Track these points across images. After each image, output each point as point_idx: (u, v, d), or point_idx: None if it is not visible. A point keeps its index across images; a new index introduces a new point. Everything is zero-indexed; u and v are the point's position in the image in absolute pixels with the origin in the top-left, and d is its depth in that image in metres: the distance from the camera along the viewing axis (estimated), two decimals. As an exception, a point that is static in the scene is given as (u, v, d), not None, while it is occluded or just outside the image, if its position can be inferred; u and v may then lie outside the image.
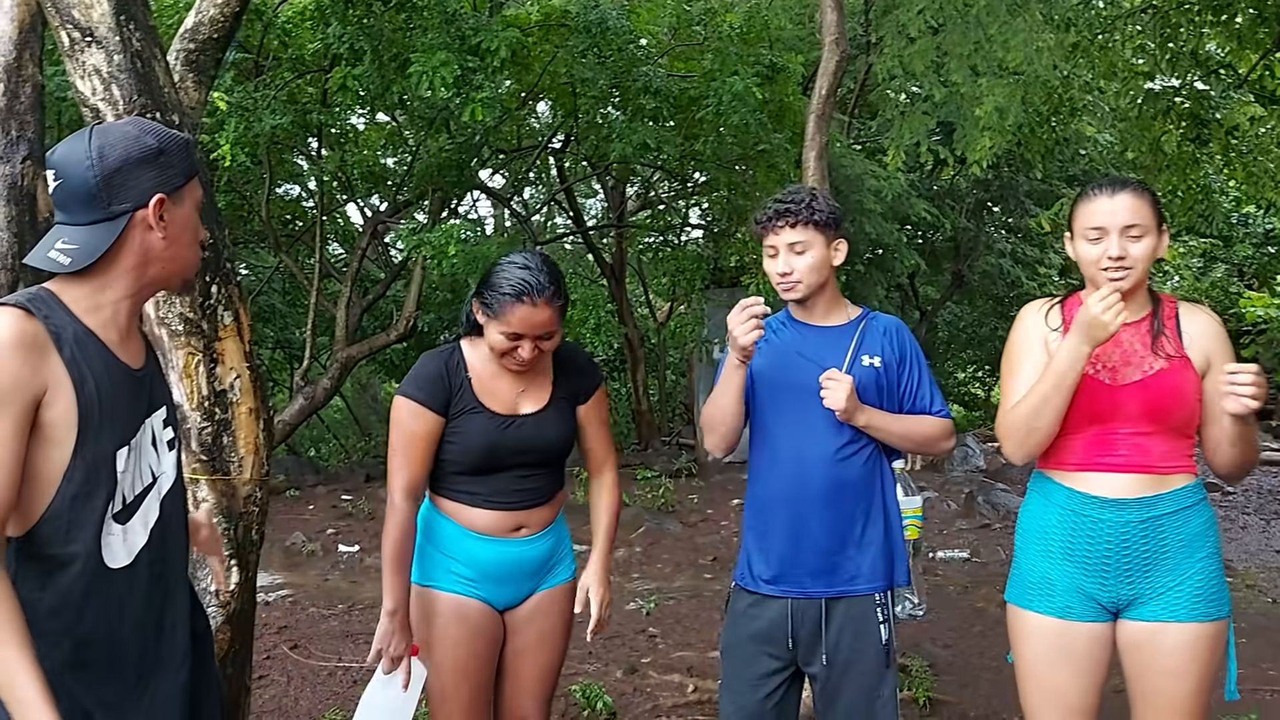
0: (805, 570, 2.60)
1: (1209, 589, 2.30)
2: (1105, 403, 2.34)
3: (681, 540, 8.30)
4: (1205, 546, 2.33)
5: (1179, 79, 8.10)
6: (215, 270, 2.68)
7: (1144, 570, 2.30)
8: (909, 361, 2.70)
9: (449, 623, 2.57)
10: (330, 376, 10.75)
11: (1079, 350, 2.26)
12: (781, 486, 2.63)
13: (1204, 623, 2.28)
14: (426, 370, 2.59)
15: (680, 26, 10.59)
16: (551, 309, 2.49)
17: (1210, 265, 19.13)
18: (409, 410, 2.55)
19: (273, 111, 8.50)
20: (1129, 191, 2.33)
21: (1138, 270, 2.31)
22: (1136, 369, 2.33)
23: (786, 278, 2.62)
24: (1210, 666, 2.29)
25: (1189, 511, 2.31)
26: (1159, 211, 2.35)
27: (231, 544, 2.71)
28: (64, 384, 1.62)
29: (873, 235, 10.76)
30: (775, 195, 2.70)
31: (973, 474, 11.15)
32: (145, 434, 1.76)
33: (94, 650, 1.67)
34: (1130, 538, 2.31)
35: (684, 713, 4.45)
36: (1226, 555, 8.09)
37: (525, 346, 2.50)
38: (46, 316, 1.64)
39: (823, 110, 4.87)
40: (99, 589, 1.67)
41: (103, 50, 2.52)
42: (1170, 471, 2.31)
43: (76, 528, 1.64)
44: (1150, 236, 2.32)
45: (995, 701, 4.42)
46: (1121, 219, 2.31)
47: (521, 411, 2.62)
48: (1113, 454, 2.33)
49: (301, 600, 6.48)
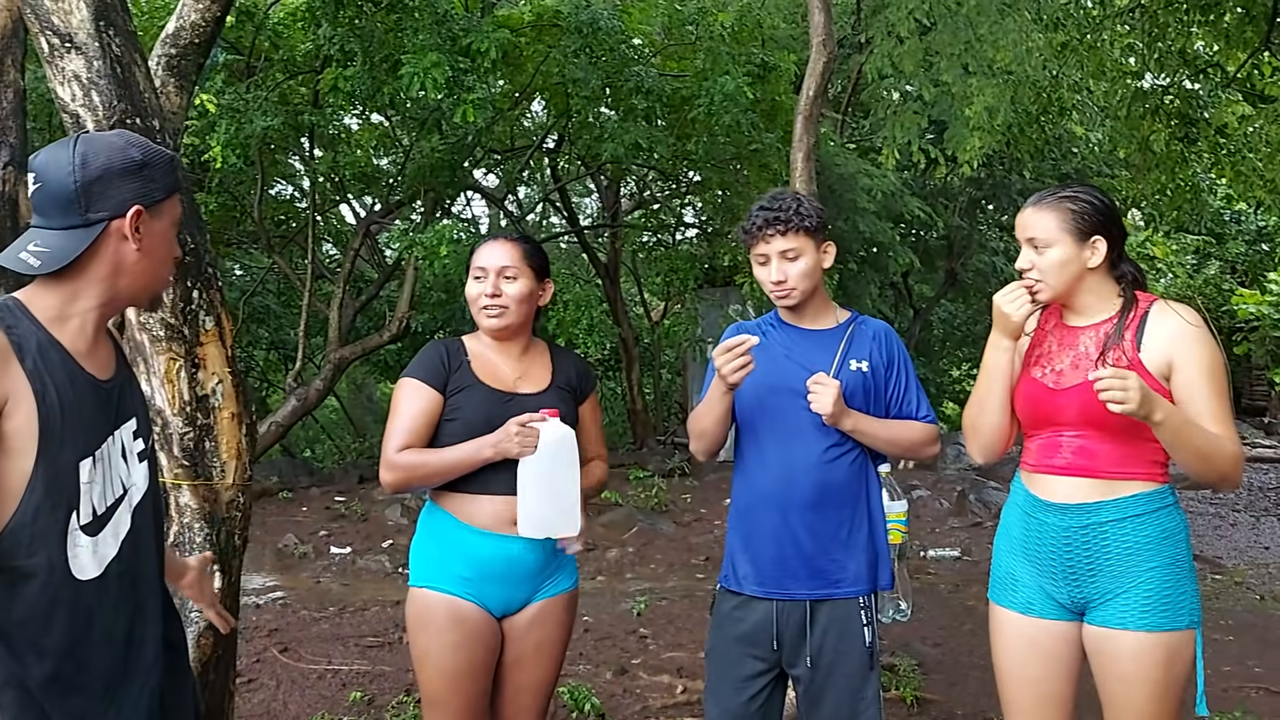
0: (790, 573, 2.60)
1: (1161, 598, 2.26)
2: (1046, 406, 2.37)
3: (674, 540, 8.31)
4: (1159, 556, 2.27)
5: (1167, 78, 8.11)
6: (196, 275, 2.68)
7: (1089, 575, 2.31)
8: (896, 366, 2.71)
9: (445, 627, 2.55)
10: (323, 377, 10.75)
11: (996, 341, 2.40)
12: (767, 489, 2.64)
13: (1156, 633, 2.24)
14: (426, 354, 2.69)
15: (672, 26, 10.60)
16: (511, 246, 2.71)
17: (1204, 262, 19.18)
18: (409, 387, 2.63)
19: (264, 113, 8.51)
20: (1040, 205, 2.36)
21: (1050, 280, 2.34)
22: (1081, 373, 2.32)
23: (781, 285, 2.63)
24: (1169, 677, 2.25)
25: (1140, 520, 2.28)
26: (1081, 221, 2.32)
27: (214, 550, 2.71)
28: (25, 395, 1.61)
29: (866, 234, 10.78)
30: (759, 202, 2.68)
31: (965, 472, 11.16)
32: (113, 445, 1.75)
33: (61, 662, 1.67)
34: (1072, 543, 2.32)
35: (673, 714, 4.46)
36: (1215, 552, 8.14)
37: (488, 283, 2.65)
38: (10, 326, 1.64)
39: (810, 111, 4.87)
40: (65, 601, 1.67)
41: (82, 56, 2.52)
42: (1119, 478, 2.29)
43: (39, 540, 1.63)
44: (1056, 248, 2.32)
45: (983, 700, 4.43)
46: (1026, 232, 2.37)
47: (520, 391, 2.66)
48: (1057, 457, 2.36)
49: (293, 603, 6.48)
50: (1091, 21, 7.54)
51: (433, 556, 2.62)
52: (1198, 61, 8.20)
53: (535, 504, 2.50)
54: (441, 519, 2.63)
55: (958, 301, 17.07)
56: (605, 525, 8.60)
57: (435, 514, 2.65)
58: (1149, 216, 10.63)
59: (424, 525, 2.69)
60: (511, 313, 2.67)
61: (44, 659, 1.65)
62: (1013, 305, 2.33)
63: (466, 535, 2.58)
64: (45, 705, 1.65)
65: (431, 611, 2.57)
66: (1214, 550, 8.27)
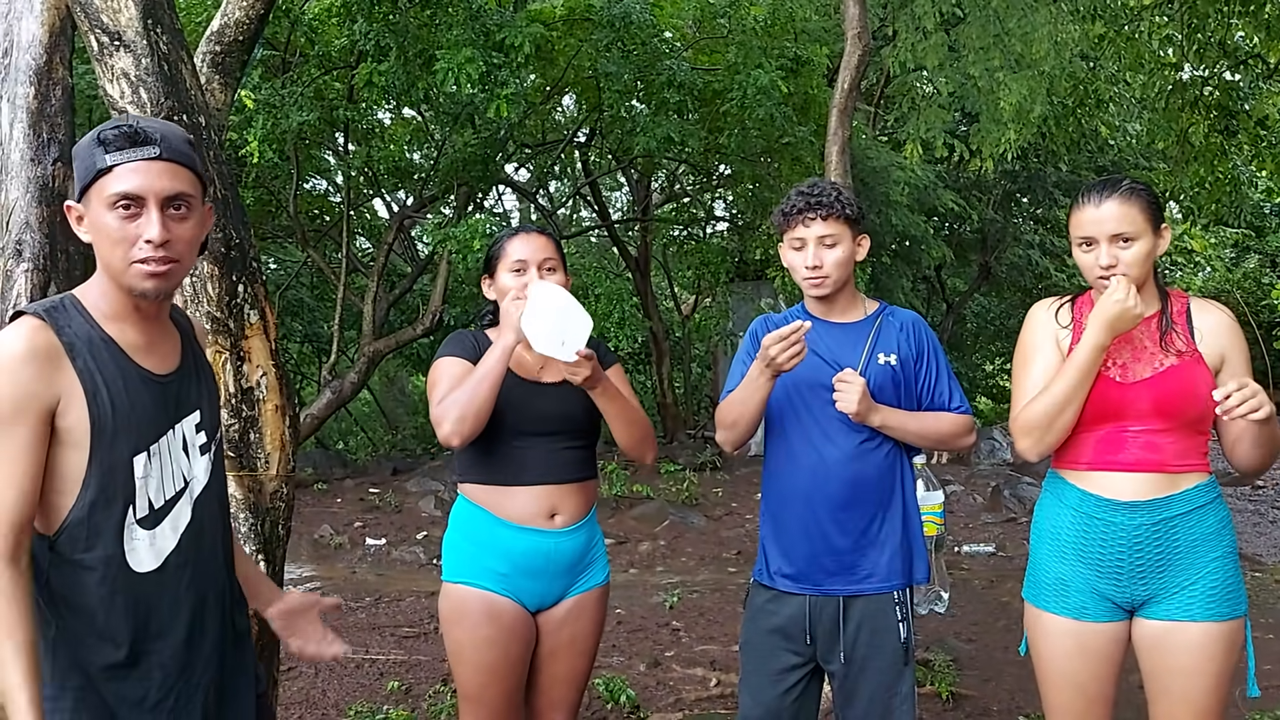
0: (822, 568, 2.60)
1: (1223, 588, 2.28)
2: (1116, 400, 2.32)
3: (705, 534, 8.32)
4: (1219, 546, 2.30)
5: (1207, 69, 8.02)
6: (242, 269, 2.72)
7: (1158, 571, 2.30)
8: (926, 357, 2.67)
9: (480, 622, 2.56)
10: (357, 370, 10.85)
11: (1100, 340, 2.26)
12: (798, 485, 2.63)
13: (1218, 622, 2.26)
14: (457, 338, 2.71)
15: (704, 19, 10.60)
16: (545, 238, 2.71)
17: (1243, 256, 18.95)
18: (445, 362, 2.63)
19: (300, 108, 8.59)
20: (1115, 198, 2.29)
21: (1135, 274, 2.29)
22: (1147, 365, 2.31)
23: (816, 271, 2.60)
24: (1225, 665, 2.28)
25: (1202, 511, 2.29)
26: (1154, 210, 2.30)
27: (259, 539, 2.76)
28: (76, 394, 1.64)
29: (899, 227, 10.73)
30: (798, 188, 2.65)
31: (999, 467, 11.10)
32: (173, 439, 1.77)
33: (121, 651, 1.70)
34: (1143, 540, 2.30)
35: (706, 706, 4.47)
36: (1254, 549, 8.05)
37: (533, 276, 2.63)
38: (63, 326, 1.67)
39: (845, 104, 4.87)
40: (124, 592, 1.70)
41: (130, 54, 2.56)
42: (1183, 470, 2.29)
43: (95, 534, 1.67)
44: (1142, 240, 2.28)
45: (1018, 696, 4.42)
46: (1108, 228, 2.28)
47: (545, 380, 2.66)
48: (1123, 453, 2.32)
49: (329, 593, 6.49)
50: (1129, 13, 7.47)
51: (467, 551, 2.62)
52: (1238, 53, 8.10)
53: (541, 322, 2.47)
54: (474, 513, 2.63)
55: (991, 295, 16.96)
56: (636, 519, 8.63)
57: (468, 508, 2.66)
58: (1187, 210, 10.50)
59: (456, 519, 2.69)
60: None
61: (105, 647, 1.69)
62: (1135, 303, 2.22)
63: (501, 530, 2.58)
64: (104, 693, 1.69)
65: (466, 606, 2.58)
66: (1254, 548, 8.17)
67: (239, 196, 2.82)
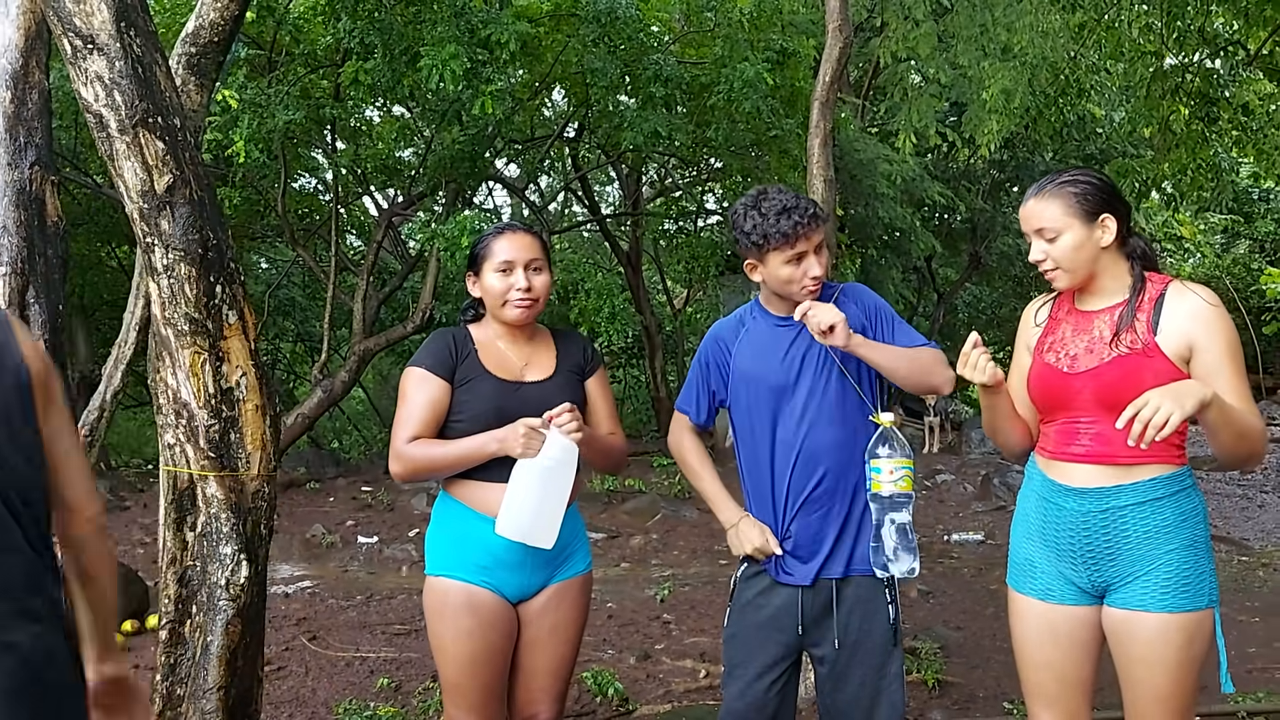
0: (809, 557, 2.63)
1: (1181, 580, 2.27)
2: (1060, 391, 2.36)
3: (698, 527, 8.34)
4: (1177, 538, 2.28)
5: (1187, 57, 8.04)
6: (219, 271, 2.73)
7: (1109, 558, 2.31)
8: (876, 316, 2.69)
9: (461, 613, 2.59)
10: (349, 369, 10.85)
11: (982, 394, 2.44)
12: (765, 482, 2.68)
13: (1176, 614, 2.25)
14: (433, 343, 2.69)
15: (690, 13, 10.59)
16: (531, 236, 2.71)
17: (1232, 241, 19.00)
18: (416, 376, 2.63)
19: (286, 107, 8.58)
20: (1036, 196, 2.37)
21: (1067, 266, 2.34)
22: (1095, 357, 2.33)
23: (818, 280, 2.60)
24: (1186, 656, 2.26)
25: (1159, 503, 2.28)
26: (1087, 203, 2.32)
27: (241, 539, 2.78)
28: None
29: (886, 219, 10.76)
30: (774, 209, 2.57)
31: (990, 455, 11.14)
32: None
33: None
34: (1091, 527, 2.32)
35: (694, 698, 4.50)
36: (1242, 534, 8.10)
37: (519, 276, 2.63)
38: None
39: (826, 97, 4.88)
40: None
41: (104, 57, 2.57)
42: (1136, 462, 2.28)
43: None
44: (1069, 233, 2.32)
45: (1005, 683, 4.45)
46: (1032, 224, 2.38)
47: (527, 379, 2.68)
48: (1075, 443, 2.35)
49: (321, 591, 6.57)
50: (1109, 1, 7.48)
51: (447, 545, 2.65)
52: (1217, 40, 8.12)
53: (520, 509, 2.51)
54: (455, 508, 2.66)
55: (982, 284, 17.01)
56: (628, 513, 8.66)
57: (449, 503, 2.68)
58: (1170, 197, 10.53)
59: (438, 514, 2.72)
60: (539, 304, 2.69)
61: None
62: (975, 373, 2.32)
63: (480, 524, 2.60)
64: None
65: (448, 599, 2.61)
66: (1241, 532, 8.22)
67: (215, 198, 2.83)
